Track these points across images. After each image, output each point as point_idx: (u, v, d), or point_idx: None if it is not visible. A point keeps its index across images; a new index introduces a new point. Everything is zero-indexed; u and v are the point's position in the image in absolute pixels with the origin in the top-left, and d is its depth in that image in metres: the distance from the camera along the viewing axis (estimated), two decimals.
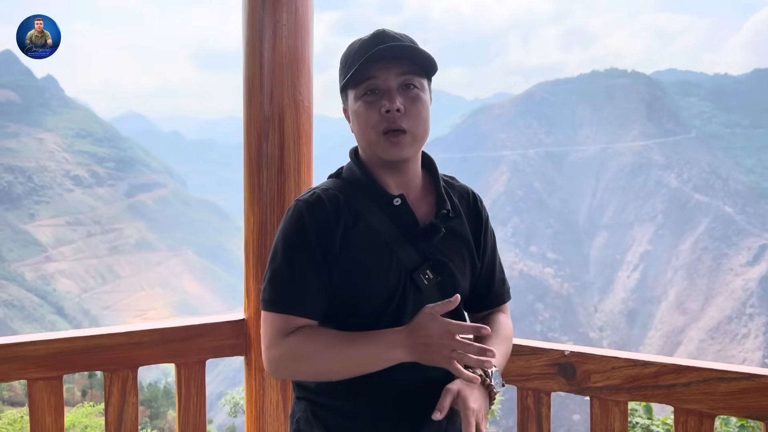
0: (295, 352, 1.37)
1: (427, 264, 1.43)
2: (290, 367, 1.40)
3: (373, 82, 1.39)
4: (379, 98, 1.39)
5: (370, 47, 1.39)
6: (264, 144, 2.05)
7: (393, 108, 1.37)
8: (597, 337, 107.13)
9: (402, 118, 1.38)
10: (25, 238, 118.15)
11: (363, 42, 1.43)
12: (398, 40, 1.40)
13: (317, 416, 1.48)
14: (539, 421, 1.84)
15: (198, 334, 2.01)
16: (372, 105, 1.39)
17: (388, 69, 1.39)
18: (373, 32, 1.45)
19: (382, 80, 1.39)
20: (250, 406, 2.13)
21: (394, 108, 1.37)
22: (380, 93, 1.39)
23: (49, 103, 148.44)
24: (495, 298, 1.59)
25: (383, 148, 1.40)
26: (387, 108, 1.37)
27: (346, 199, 1.44)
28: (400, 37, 1.42)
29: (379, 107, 1.38)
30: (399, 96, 1.39)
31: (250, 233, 2.09)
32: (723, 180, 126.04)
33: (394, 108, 1.37)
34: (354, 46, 1.44)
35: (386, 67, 1.39)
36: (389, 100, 1.37)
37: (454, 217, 1.50)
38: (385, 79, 1.39)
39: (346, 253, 1.41)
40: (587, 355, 1.77)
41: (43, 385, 1.82)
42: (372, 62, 1.37)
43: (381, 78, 1.39)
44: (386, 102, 1.38)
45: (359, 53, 1.40)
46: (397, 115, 1.37)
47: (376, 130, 1.39)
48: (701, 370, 1.65)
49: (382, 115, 1.38)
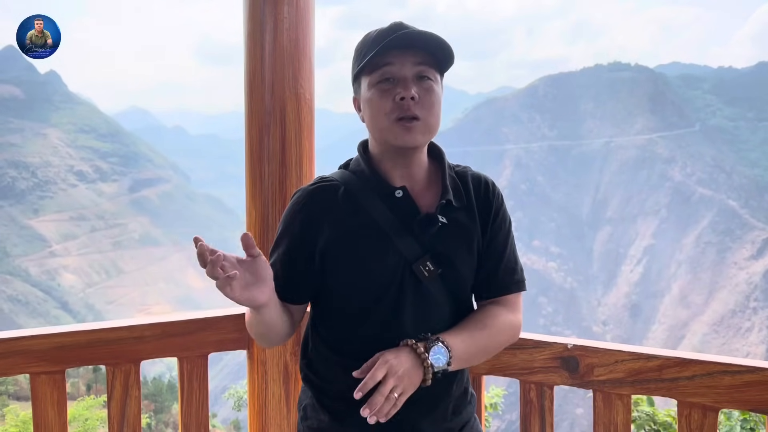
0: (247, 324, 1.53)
1: (428, 255, 1.42)
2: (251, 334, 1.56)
3: (388, 69, 1.38)
4: (393, 86, 1.38)
5: (388, 35, 1.38)
6: (265, 137, 2.05)
7: (408, 95, 1.36)
8: (600, 331, 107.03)
9: (416, 107, 1.37)
10: (30, 233, 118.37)
11: (381, 31, 1.42)
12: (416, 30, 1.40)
13: (322, 403, 1.50)
14: (542, 414, 1.84)
15: (200, 328, 2.02)
16: (386, 93, 1.39)
17: (405, 57, 1.38)
18: (391, 23, 1.44)
19: (398, 68, 1.38)
20: (252, 400, 2.13)
21: (409, 95, 1.36)
22: (395, 81, 1.39)
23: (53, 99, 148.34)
24: (499, 287, 1.54)
25: (395, 134, 1.39)
26: (402, 95, 1.37)
27: (347, 189, 1.46)
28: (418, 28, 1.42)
29: (393, 95, 1.38)
30: (414, 85, 1.38)
31: (252, 227, 2.09)
32: (727, 173, 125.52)
33: (409, 95, 1.36)
34: (371, 35, 1.43)
35: (403, 55, 1.38)
36: (404, 88, 1.37)
37: (460, 207, 1.48)
38: (401, 67, 1.38)
39: (341, 243, 1.43)
40: (590, 348, 1.76)
41: (45, 379, 1.83)
42: (390, 48, 1.36)
43: (397, 65, 1.38)
44: (401, 90, 1.37)
45: (377, 41, 1.39)
46: (411, 103, 1.37)
47: (389, 117, 1.39)
48: (705, 363, 1.64)
49: (396, 103, 1.37)
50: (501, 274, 1.53)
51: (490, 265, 1.53)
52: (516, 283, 1.55)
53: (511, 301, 1.55)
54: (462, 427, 1.53)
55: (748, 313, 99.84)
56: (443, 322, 1.41)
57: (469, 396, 1.58)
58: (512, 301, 1.56)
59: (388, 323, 1.38)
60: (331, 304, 1.49)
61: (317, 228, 1.44)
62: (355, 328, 1.43)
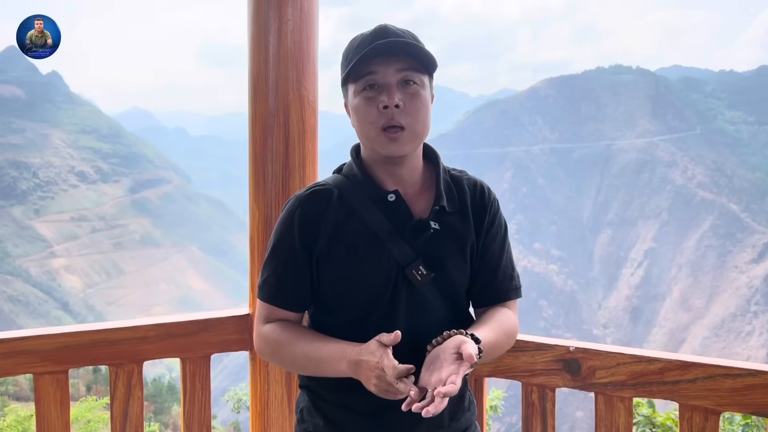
0: (267, 341, 1.47)
1: (420, 260, 1.41)
2: (264, 354, 1.50)
3: (372, 78, 1.38)
4: (377, 94, 1.38)
5: (370, 42, 1.37)
6: (269, 139, 2.05)
7: (391, 104, 1.36)
8: (601, 334, 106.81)
9: (401, 115, 1.37)
10: (30, 233, 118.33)
11: (364, 37, 1.41)
12: (399, 36, 1.39)
13: (318, 407, 1.50)
14: (544, 416, 1.83)
15: (203, 329, 2.03)
16: (371, 101, 1.38)
17: (388, 64, 1.37)
18: (374, 27, 1.43)
19: (381, 75, 1.37)
20: (254, 401, 2.12)
21: (392, 104, 1.36)
22: (379, 88, 1.38)
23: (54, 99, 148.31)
24: (498, 294, 1.54)
25: (382, 144, 1.39)
26: (385, 104, 1.36)
27: (341, 195, 1.45)
28: (402, 33, 1.40)
29: (377, 103, 1.37)
30: (398, 92, 1.37)
31: (255, 228, 2.09)
32: (728, 177, 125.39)
33: (392, 104, 1.36)
34: (355, 41, 1.43)
35: (386, 63, 1.37)
36: (388, 96, 1.36)
37: (454, 212, 1.47)
38: (384, 74, 1.37)
39: (336, 248, 1.42)
40: (592, 351, 1.76)
41: (48, 379, 1.84)
42: (371, 57, 1.36)
43: (380, 73, 1.37)
44: (385, 98, 1.37)
45: (359, 48, 1.39)
46: (395, 111, 1.36)
47: (375, 126, 1.38)
48: (707, 366, 1.63)
49: (381, 111, 1.37)
50: (499, 282, 1.53)
51: (487, 273, 1.52)
52: (514, 290, 1.55)
53: (511, 306, 1.56)
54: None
55: (748, 316, 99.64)
56: (437, 327, 1.38)
57: (467, 402, 1.56)
58: (512, 305, 1.57)
59: (383, 328, 1.35)
60: (326, 310, 1.48)
61: (313, 234, 1.43)
62: (351, 334, 1.41)
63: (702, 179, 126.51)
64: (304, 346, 1.41)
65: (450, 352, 1.26)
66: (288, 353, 1.43)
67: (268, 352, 1.48)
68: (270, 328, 1.45)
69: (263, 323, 1.48)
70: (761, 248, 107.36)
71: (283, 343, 1.43)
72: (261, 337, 1.48)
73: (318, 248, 1.42)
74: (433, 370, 1.25)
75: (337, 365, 1.34)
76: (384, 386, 1.24)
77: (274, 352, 1.46)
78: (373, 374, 1.25)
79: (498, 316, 1.49)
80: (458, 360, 1.23)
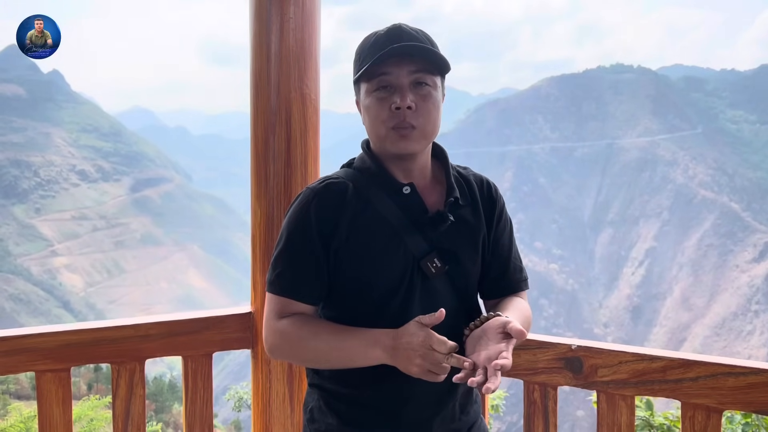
0: (285, 336, 1.41)
1: (435, 252, 1.42)
2: (282, 350, 1.44)
3: (385, 78, 1.39)
4: (390, 94, 1.39)
5: (385, 44, 1.38)
6: (271, 137, 2.05)
7: (404, 105, 1.37)
8: (601, 333, 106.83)
9: (412, 116, 1.38)
10: (31, 232, 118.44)
11: (378, 37, 1.42)
12: (413, 38, 1.40)
13: (330, 405, 1.47)
14: (546, 415, 1.83)
15: (205, 327, 2.02)
16: (383, 101, 1.39)
17: (401, 66, 1.38)
18: (389, 27, 1.43)
19: (394, 77, 1.38)
20: (256, 399, 2.12)
21: (405, 105, 1.37)
22: (392, 89, 1.39)
23: (55, 98, 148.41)
24: (510, 285, 1.57)
25: (392, 142, 1.40)
26: (398, 105, 1.37)
27: (356, 188, 1.45)
28: (416, 34, 1.41)
29: (389, 103, 1.38)
30: (411, 93, 1.38)
31: (257, 227, 2.09)
32: (729, 176, 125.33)
33: (404, 105, 1.37)
34: (369, 40, 1.43)
35: (399, 64, 1.38)
36: (400, 97, 1.37)
37: (465, 205, 1.49)
38: (397, 75, 1.38)
39: (353, 240, 1.41)
40: (594, 349, 1.76)
41: (51, 377, 1.83)
42: (385, 58, 1.37)
43: (394, 74, 1.38)
44: (397, 99, 1.37)
45: (374, 48, 1.40)
46: (407, 112, 1.37)
47: (386, 126, 1.39)
48: (709, 364, 1.63)
49: (393, 112, 1.38)
50: (510, 273, 1.57)
51: (499, 265, 1.55)
52: (524, 281, 1.60)
53: (523, 298, 1.61)
54: (470, 427, 1.54)
55: (749, 316, 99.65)
56: (449, 319, 1.34)
57: (474, 395, 1.57)
58: (523, 297, 1.61)
59: (397, 321, 1.34)
60: (342, 304, 1.47)
61: (331, 226, 1.41)
62: (364, 326, 1.39)
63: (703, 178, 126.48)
64: (329, 336, 1.38)
65: (495, 331, 1.27)
66: (311, 346, 1.39)
67: (287, 347, 1.42)
68: (287, 321, 1.41)
69: (278, 318, 1.43)
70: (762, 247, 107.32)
71: (306, 336, 1.39)
72: (277, 332, 1.42)
73: (337, 240, 1.41)
74: (480, 349, 1.26)
75: (370, 352, 1.33)
76: (429, 365, 1.23)
77: (294, 346, 1.41)
78: (416, 353, 1.24)
79: (516, 305, 1.51)
80: (505, 339, 1.25)
